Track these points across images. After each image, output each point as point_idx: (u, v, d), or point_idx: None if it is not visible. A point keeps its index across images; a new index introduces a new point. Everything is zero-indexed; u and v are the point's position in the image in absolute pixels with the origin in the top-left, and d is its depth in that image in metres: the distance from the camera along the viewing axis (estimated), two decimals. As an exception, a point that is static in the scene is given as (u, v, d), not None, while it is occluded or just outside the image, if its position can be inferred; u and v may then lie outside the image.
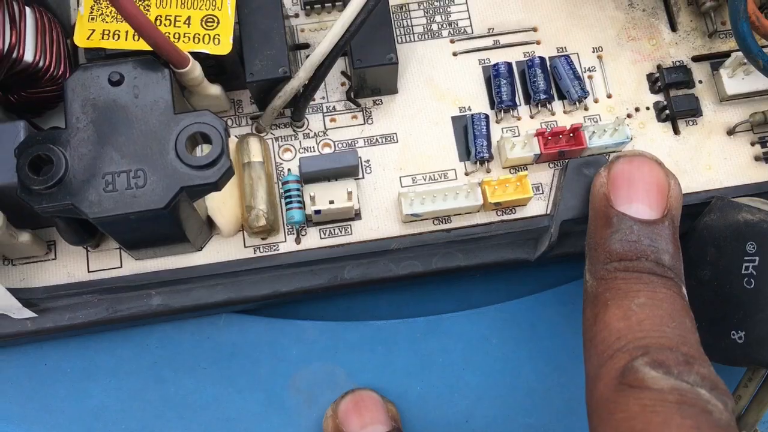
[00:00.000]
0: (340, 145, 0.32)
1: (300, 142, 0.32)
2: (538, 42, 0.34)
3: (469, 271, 0.33)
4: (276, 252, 0.31)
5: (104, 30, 0.29)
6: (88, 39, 0.28)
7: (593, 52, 0.34)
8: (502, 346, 0.34)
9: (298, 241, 0.31)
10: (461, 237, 0.32)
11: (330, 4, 0.33)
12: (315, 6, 0.34)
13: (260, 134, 0.32)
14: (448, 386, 0.34)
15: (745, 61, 0.32)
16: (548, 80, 0.33)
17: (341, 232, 0.31)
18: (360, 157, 0.32)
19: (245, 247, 0.31)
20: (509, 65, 0.33)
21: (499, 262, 0.33)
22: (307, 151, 0.32)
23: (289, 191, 0.31)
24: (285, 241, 0.31)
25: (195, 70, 0.28)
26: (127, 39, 0.28)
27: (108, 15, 0.29)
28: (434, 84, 0.33)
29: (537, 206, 0.32)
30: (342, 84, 0.33)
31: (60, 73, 0.29)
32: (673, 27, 0.34)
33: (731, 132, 0.33)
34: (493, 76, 0.33)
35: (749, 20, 0.29)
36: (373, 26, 0.30)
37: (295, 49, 0.33)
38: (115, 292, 0.31)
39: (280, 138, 0.32)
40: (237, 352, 0.34)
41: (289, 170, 0.32)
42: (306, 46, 0.34)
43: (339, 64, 0.33)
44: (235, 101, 0.33)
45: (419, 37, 0.34)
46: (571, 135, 0.31)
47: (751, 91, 0.33)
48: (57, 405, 0.33)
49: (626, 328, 0.25)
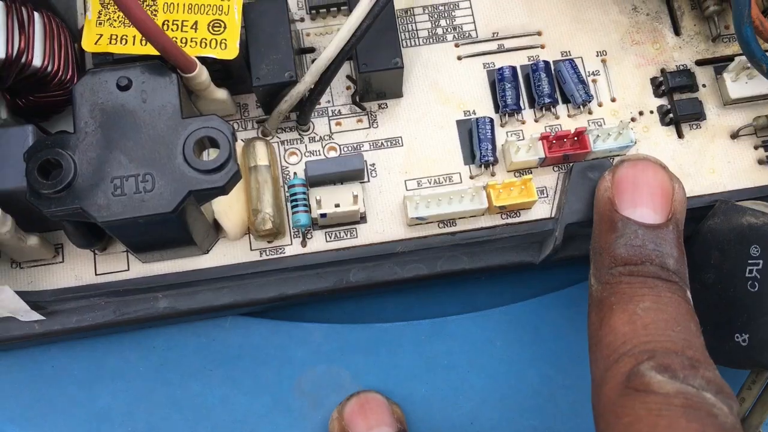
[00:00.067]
0: (346, 149, 0.33)
1: (306, 146, 0.33)
2: (543, 46, 0.34)
3: (474, 274, 0.33)
4: (282, 255, 0.31)
5: (112, 35, 0.29)
6: (96, 44, 0.29)
7: (597, 56, 0.34)
8: (507, 349, 0.34)
9: (304, 244, 0.31)
10: (466, 240, 0.32)
11: (335, 9, 0.34)
12: (320, 10, 0.34)
13: (266, 138, 0.32)
14: (453, 388, 0.34)
15: (749, 65, 0.32)
16: (552, 84, 0.33)
17: (347, 236, 0.32)
18: (365, 161, 0.32)
19: (251, 250, 0.31)
20: (514, 69, 0.33)
21: (504, 265, 0.33)
22: (313, 155, 0.32)
23: (295, 195, 0.31)
24: (291, 244, 0.31)
25: (202, 75, 0.28)
26: (135, 44, 0.28)
27: (116, 20, 0.29)
28: (439, 88, 0.34)
29: (542, 209, 0.32)
30: (347, 88, 0.33)
31: (68, 78, 0.29)
32: (677, 31, 0.35)
33: (735, 135, 0.33)
34: (498, 80, 0.33)
35: (753, 25, 0.29)
36: (379, 31, 0.31)
37: (301, 54, 0.34)
38: (122, 295, 0.31)
39: (286, 142, 0.33)
40: (243, 355, 0.34)
41: (295, 174, 0.32)
42: (311, 50, 0.34)
43: (344, 68, 0.33)
44: (241, 105, 0.33)
45: (424, 42, 0.34)
46: (576, 139, 0.32)
47: (755, 95, 0.33)
48: (64, 407, 0.33)
49: (631, 333, 0.25)
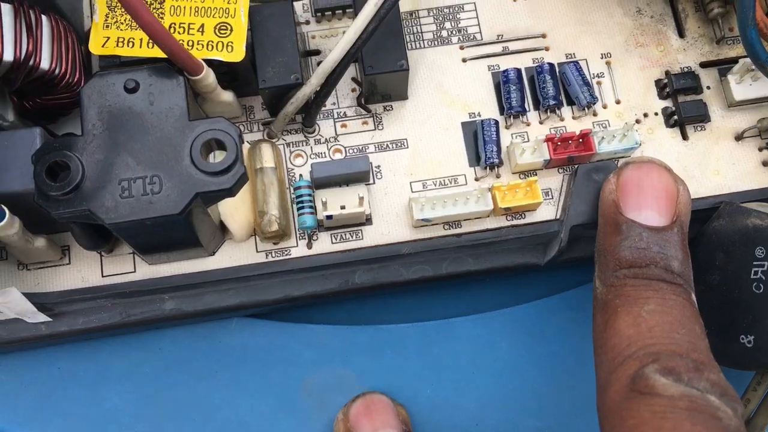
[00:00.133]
0: (351, 151, 0.33)
1: (311, 148, 0.33)
2: (547, 48, 0.34)
3: (479, 276, 0.33)
4: (288, 257, 0.31)
5: (119, 38, 0.29)
6: (104, 46, 0.29)
7: (602, 59, 0.34)
8: (512, 350, 0.34)
9: (310, 246, 0.32)
10: (471, 242, 0.32)
11: (340, 12, 0.34)
12: (326, 13, 0.34)
13: (272, 140, 0.33)
14: (458, 390, 0.34)
15: (753, 68, 0.32)
16: (557, 86, 0.33)
17: (352, 237, 0.32)
18: (371, 163, 0.32)
19: (257, 252, 0.31)
20: (518, 71, 0.33)
21: (509, 267, 0.33)
22: (319, 157, 0.33)
23: (301, 196, 0.31)
24: (297, 246, 0.31)
25: (209, 77, 0.28)
26: (142, 46, 0.29)
27: (123, 23, 0.29)
28: (444, 90, 0.34)
29: (547, 211, 0.32)
30: (353, 90, 0.33)
31: (75, 81, 0.29)
32: (681, 33, 0.35)
33: (739, 137, 0.33)
34: (503, 82, 0.33)
35: (757, 27, 0.29)
36: (384, 33, 0.31)
37: (306, 56, 0.34)
38: (129, 297, 0.31)
39: (292, 144, 0.33)
40: (248, 356, 0.34)
41: (301, 176, 0.32)
42: (317, 53, 0.34)
43: (349, 71, 0.33)
44: (247, 107, 0.33)
45: (429, 44, 0.34)
46: (581, 140, 0.32)
47: (759, 97, 0.33)
48: (70, 408, 0.33)
49: (636, 335, 0.25)
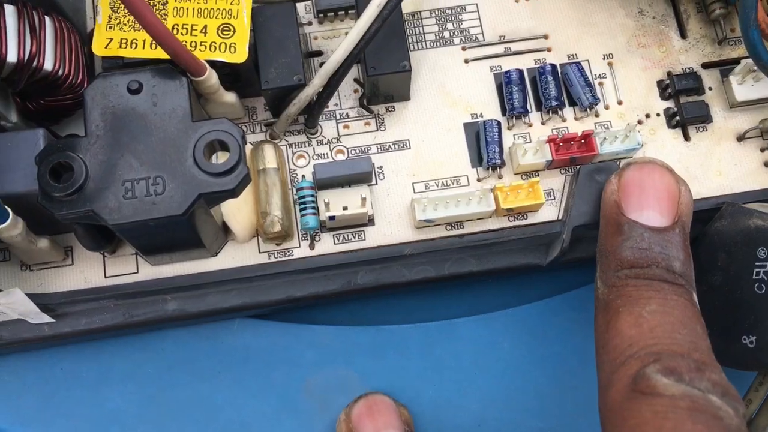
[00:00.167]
0: (354, 152, 0.33)
1: (314, 149, 0.33)
2: (549, 49, 0.34)
3: (482, 277, 0.33)
4: (290, 257, 0.31)
5: (122, 39, 0.29)
6: (107, 47, 0.29)
7: (604, 59, 0.34)
8: (514, 351, 0.34)
9: (312, 247, 0.32)
10: (474, 242, 0.32)
11: (343, 12, 0.34)
12: (328, 14, 0.34)
13: (274, 141, 0.33)
14: (460, 390, 0.34)
15: (755, 68, 0.32)
16: (559, 87, 0.33)
17: (355, 238, 0.32)
18: (373, 164, 0.32)
19: (260, 253, 0.31)
20: (521, 72, 0.33)
21: (511, 268, 0.33)
22: (321, 158, 0.33)
23: (304, 197, 0.31)
24: (299, 247, 0.32)
25: (212, 78, 0.28)
26: (145, 48, 0.29)
27: (126, 24, 0.29)
28: (446, 91, 0.34)
29: (549, 212, 0.32)
30: (355, 91, 0.34)
31: (78, 82, 0.29)
32: (683, 34, 0.35)
33: (741, 138, 0.33)
34: (505, 83, 0.33)
35: (759, 28, 0.29)
36: (387, 34, 0.31)
37: (309, 57, 0.34)
38: (131, 298, 0.31)
39: (294, 144, 0.33)
40: (251, 357, 0.34)
41: (303, 176, 0.32)
42: (319, 54, 0.34)
43: (352, 72, 0.33)
44: (250, 108, 0.33)
45: (431, 45, 0.34)
46: (583, 141, 0.32)
47: (761, 98, 0.33)
48: (73, 409, 0.33)
49: (638, 335, 0.25)
